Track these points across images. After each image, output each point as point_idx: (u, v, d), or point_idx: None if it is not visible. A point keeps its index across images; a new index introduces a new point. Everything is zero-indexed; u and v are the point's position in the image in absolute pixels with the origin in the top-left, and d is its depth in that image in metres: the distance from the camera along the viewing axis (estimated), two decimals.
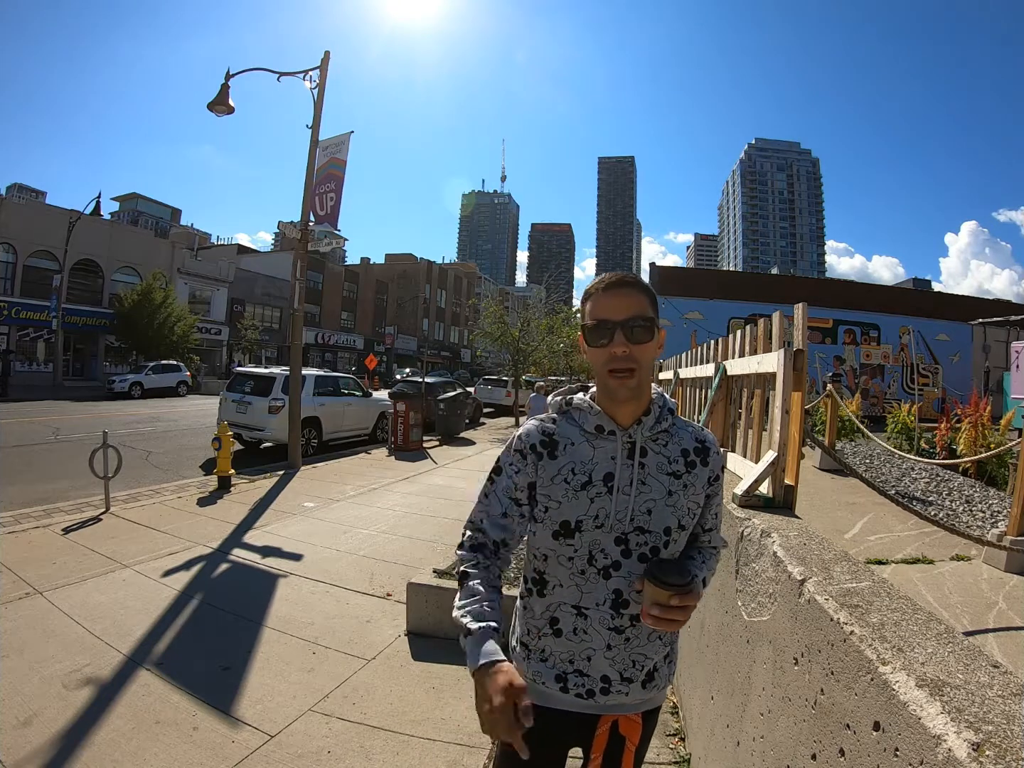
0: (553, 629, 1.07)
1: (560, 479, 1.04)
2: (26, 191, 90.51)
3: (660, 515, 1.03)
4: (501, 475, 1.10)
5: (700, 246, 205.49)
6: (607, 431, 1.05)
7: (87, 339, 26.10)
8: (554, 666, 1.07)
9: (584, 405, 1.08)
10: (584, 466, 1.04)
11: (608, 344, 1.00)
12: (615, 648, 1.04)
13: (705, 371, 3.52)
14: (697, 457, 1.08)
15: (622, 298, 1.02)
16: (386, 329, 46.76)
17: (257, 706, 2.43)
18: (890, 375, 17.04)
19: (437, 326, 56.35)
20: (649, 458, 1.05)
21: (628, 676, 1.05)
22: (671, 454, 1.07)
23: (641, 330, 1.01)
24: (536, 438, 1.08)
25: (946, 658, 0.82)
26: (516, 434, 1.12)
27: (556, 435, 1.08)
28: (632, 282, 1.04)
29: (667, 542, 1.04)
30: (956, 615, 2.95)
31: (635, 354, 1.00)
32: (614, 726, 1.10)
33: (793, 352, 1.90)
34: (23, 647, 2.80)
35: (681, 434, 1.10)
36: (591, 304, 1.05)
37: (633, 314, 1.00)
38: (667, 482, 1.05)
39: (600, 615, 1.04)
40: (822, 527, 3.87)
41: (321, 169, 8.79)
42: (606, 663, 1.04)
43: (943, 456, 7.12)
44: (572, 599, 1.05)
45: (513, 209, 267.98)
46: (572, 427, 1.08)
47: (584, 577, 1.04)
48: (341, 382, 11.04)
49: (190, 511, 5.53)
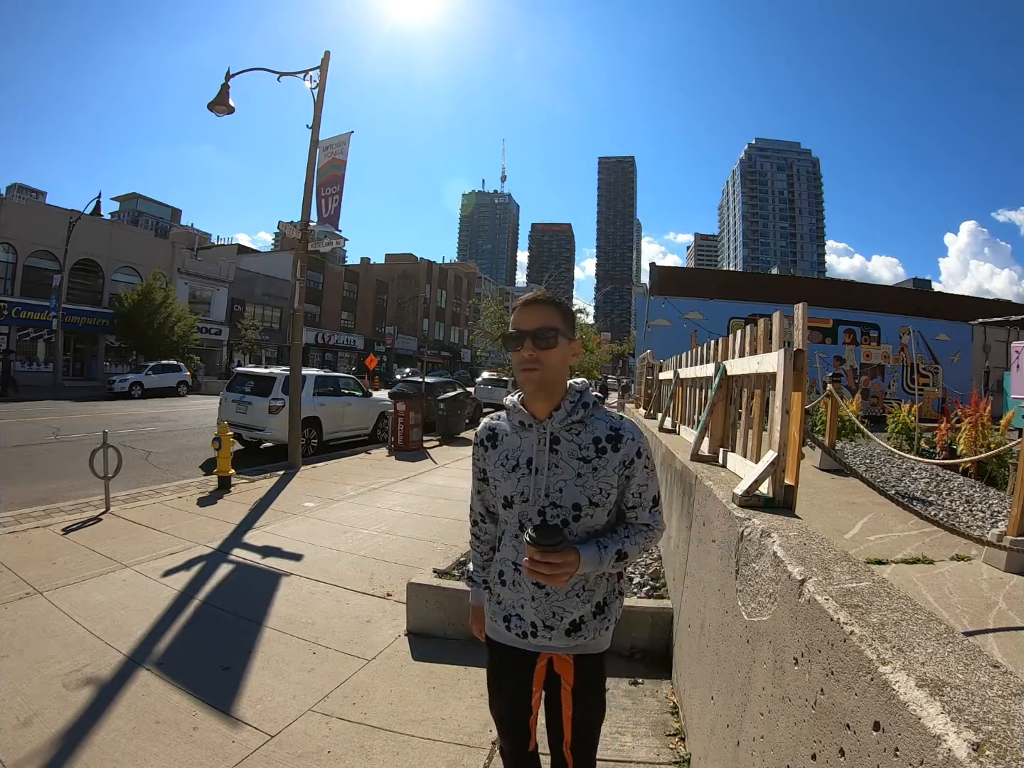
0: (501, 579, 1.36)
1: (498, 463, 1.32)
2: (26, 191, 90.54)
3: (570, 493, 1.25)
4: (473, 464, 1.44)
5: (700, 246, 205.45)
6: (527, 424, 1.29)
7: (87, 339, 26.11)
8: (503, 609, 1.36)
9: (511, 405, 1.33)
10: (514, 452, 1.30)
11: (520, 349, 1.23)
12: (537, 600, 1.29)
13: (705, 371, 3.52)
14: (608, 444, 1.26)
15: (534, 313, 1.25)
16: (386, 329, 46.77)
17: (257, 706, 2.43)
18: (890, 375, 17.03)
19: (437, 326, 56.35)
20: (562, 445, 1.27)
21: (549, 624, 1.29)
22: (582, 442, 1.27)
23: (545, 338, 1.23)
24: (484, 433, 1.39)
25: (946, 658, 0.82)
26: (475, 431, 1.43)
27: (497, 429, 1.37)
28: (544, 300, 1.27)
29: (576, 516, 1.25)
30: (956, 615, 2.95)
31: (540, 357, 1.22)
32: (550, 664, 1.35)
33: (793, 352, 1.90)
34: (23, 647, 2.80)
35: (596, 424, 1.29)
36: (513, 317, 1.28)
37: (541, 325, 1.23)
38: (576, 466, 1.25)
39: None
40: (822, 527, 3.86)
41: (323, 170, 8.79)
42: (532, 611, 1.30)
43: (943, 456, 7.12)
44: (511, 556, 1.33)
45: (513, 209, 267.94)
46: (508, 422, 1.35)
47: (517, 540, 1.30)
48: (341, 382, 11.04)
49: (190, 511, 5.53)
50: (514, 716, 1.42)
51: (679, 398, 4.84)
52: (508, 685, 1.41)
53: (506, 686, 1.41)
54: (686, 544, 2.51)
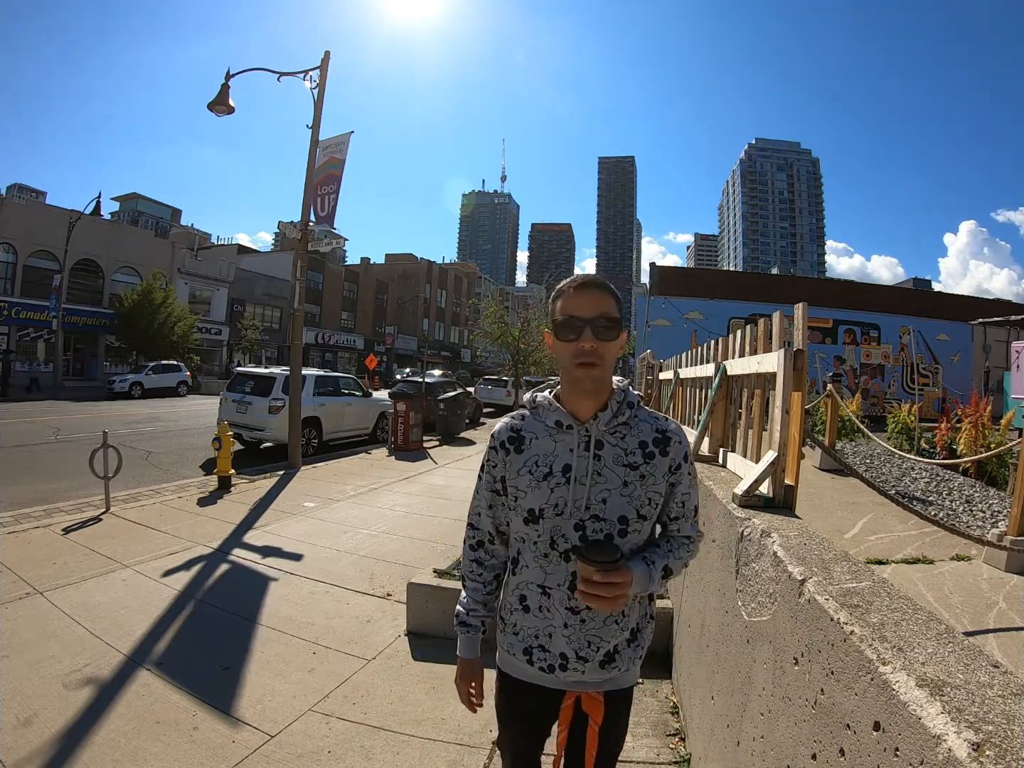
0: (522, 605, 1.17)
1: (525, 471, 1.14)
2: (26, 191, 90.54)
3: (615, 504, 1.10)
4: (483, 471, 1.22)
5: (700, 246, 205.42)
6: (566, 425, 1.13)
7: (87, 339, 26.10)
8: (523, 640, 1.17)
9: (545, 402, 1.16)
10: (546, 458, 1.13)
11: (576, 339, 1.07)
12: (571, 627, 1.12)
13: (705, 371, 3.51)
14: (656, 448, 1.13)
15: (591, 298, 1.09)
16: (386, 329, 46.75)
17: (257, 706, 2.43)
18: (890, 375, 17.03)
19: (437, 326, 56.34)
20: (606, 450, 1.12)
21: (583, 655, 1.13)
22: (628, 446, 1.13)
23: (607, 328, 1.08)
24: (505, 435, 1.19)
25: (946, 658, 0.82)
26: (492, 432, 1.22)
27: (523, 431, 1.18)
28: (602, 284, 1.11)
29: (622, 530, 1.10)
30: (956, 615, 2.95)
31: (600, 350, 1.07)
32: (578, 702, 1.18)
33: (793, 352, 1.90)
34: (23, 647, 2.80)
35: (641, 426, 1.15)
36: (562, 302, 1.11)
37: (600, 312, 1.07)
38: (623, 473, 1.11)
39: (560, 595, 1.12)
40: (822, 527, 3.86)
41: (321, 169, 8.78)
42: (563, 640, 1.13)
43: (943, 456, 7.12)
44: (537, 579, 1.15)
45: (513, 209, 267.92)
46: (537, 422, 1.17)
47: (547, 559, 1.13)
48: (341, 382, 11.04)
49: (190, 511, 5.53)
50: (528, 753, 1.30)
51: (679, 398, 4.83)
52: (526, 725, 1.26)
53: (524, 726, 1.27)
54: None
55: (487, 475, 1.21)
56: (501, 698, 1.28)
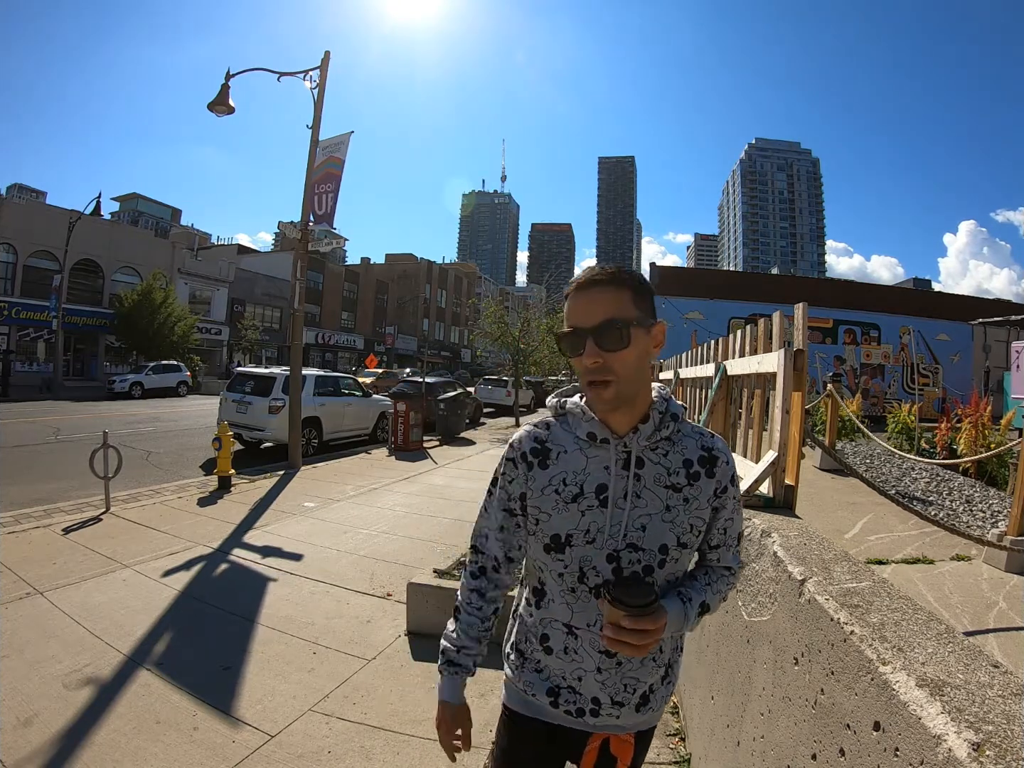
0: (544, 646, 1.02)
1: (551, 490, 0.97)
2: (26, 191, 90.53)
3: (656, 531, 0.96)
4: (497, 486, 1.05)
5: (700, 246, 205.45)
6: (600, 439, 0.96)
7: (87, 339, 26.10)
8: (548, 678, 1.02)
9: (577, 410, 0.99)
10: (576, 476, 0.97)
11: (580, 353, 0.91)
12: (605, 672, 0.98)
13: (705, 371, 3.52)
14: (702, 468, 0.99)
15: (593, 301, 0.91)
16: (386, 329, 46.76)
17: (257, 706, 2.43)
18: (890, 375, 17.04)
19: (437, 326, 56.35)
20: (646, 469, 0.97)
21: (619, 700, 0.99)
22: (671, 464, 0.98)
23: (613, 336, 0.89)
24: (528, 445, 1.01)
25: (946, 658, 0.82)
26: (510, 441, 1.05)
27: (549, 442, 1.01)
28: (606, 279, 0.91)
29: (662, 561, 0.96)
30: (956, 615, 2.95)
31: (610, 363, 0.90)
32: (604, 744, 1.05)
33: (793, 352, 1.90)
34: (23, 647, 2.79)
35: (685, 442, 1.01)
36: (567, 308, 0.95)
37: (604, 319, 0.89)
38: (665, 495, 0.96)
39: (591, 636, 0.97)
40: (822, 527, 3.86)
41: (319, 167, 8.79)
42: (596, 686, 0.99)
43: (943, 456, 7.12)
44: (563, 617, 0.99)
45: (513, 209, 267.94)
46: (566, 433, 1.00)
47: (575, 595, 0.98)
48: (341, 382, 11.05)
49: (190, 511, 5.53)
50: None
51: (679, 398, 4.84)
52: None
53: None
54: None
55: (502, 491, 1.03)
56: (507, 739, 1.11)
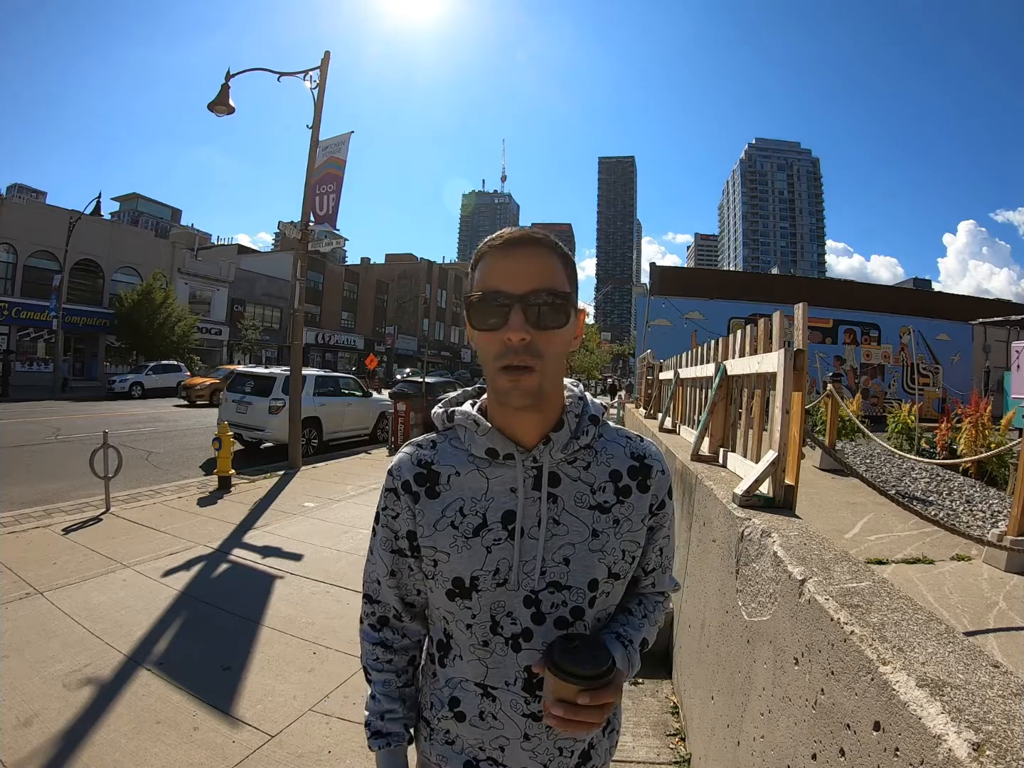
0: (454, 712, 0.82)
1: (446, 523, 0.78)
2: (26, 191, 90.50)
3: (582, 564, 0.78)
4: (379, 522, 0.86)
5: (700, 246, 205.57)
6: (503, 455, 0.78)
7: (87, 339, 26.11)
8: (462, 750, 0.83)
9: (469, 421, 0.80)
10: (476, 504, 0.78)
11: (501, 328, 0.71)
12: (534, 738, 0.80)
13: (705, 371, 3.51)
14: (633, 480, 0.82)
15: (526, 263, 0.72)
16: (386, 329, 46.77)
17: (257, 706, 2.44)
18: (890, 375, 17.03)
19: (437, 326, 56.37)
20: (564, 487, 0.79)
21: (556, 765, 0.81)
22: (595, 479, 0.80)
23: (550, 309, 0.71)
24: (409, 472, 0.81)
25: (946, 658, 0.82)
26: (388, 467, 0.85)
27: (436, 464, 0.81)
28: (540, 240, 0.74)
29: (592, 599, 0.79)
30: (956, 615, 2.95)
31: (539, 343, 0.71)
32: None
33: (793, 352, 1.90)
34: (23, 647, 2.80)
35: (611, 449, 0.83)
36: (483, 269, 0.74)
37: (539, 285, 0.71)
38: (590, 519, 0.79)
39: (511, 697, 0.79)
40: (822, 527, 3.86)
41: (320, 168, 8.79)
42: (525, 755, 0.80)
43: (943, 456, 7.12)
44: (475, 676, 0.80)
45: (513, 209, 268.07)
46: (457, 451, 0.82)
47: (488, 649, 0.79)
48: (341, 382, 11.05)
49: (190, 511, 5.53)
50: None
51: (679, 398, 4.83)
52: None
53: None
54: (686, 544, 2.51)
55: (384, 529, 0.85)
56: None
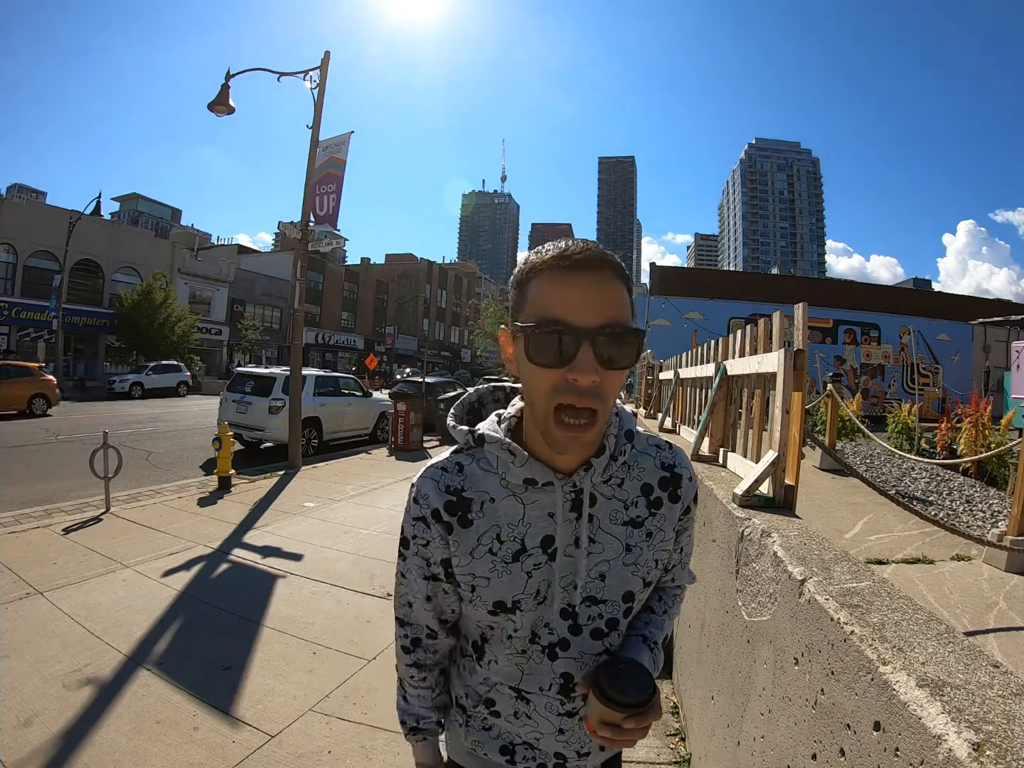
0: (490, 711, 0.85)
1: (483, 550, 0.77)
2: (26, 191, 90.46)
3: (617, 579, 0.79)
4: (409, 548, 0.84)
5: (700, 246, 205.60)
6: (542, 483, 0.75)
7: (87, 339, 26.11)
8: (499, 736, 0.86)
9: (504, 453, 0.75)
10: (513, 530, 0.76)
11: (565, 365, 0.63)
12: (568, 731, 0.83)
13: (705, 371, 3.51)
14: (664, 491, 0.82)
15: (595, 289, 0.64)
16: (386, 329, 46.77)
17: (257, 706, 2.44)
18: (890, 375, 17.03)
19: (437, 326, 56.38)
20: (599, 506, 0.78)
21: (586, 751, 0.86)
22: (628, 496, 0.80)
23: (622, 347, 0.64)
24: (439, 500, 0.78)
25: (946, 658, 0.82)
26: (411, 492, 0.82)
27: (468, 491, 0.78)
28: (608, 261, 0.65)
29: (628, 610, 0.82)
30: (956, 615, 2.95)
31: (604, 384, 0.65)
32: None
33: (794, 352, 1.90)
34: (23, 647, 2.80)
35: (642, 462, 0.82)
36: (538, 288, 0.66)
37: (610, 319, 0.63)
38: (624, 534, 0.79)
39: (547, 701, 0.81)
40: (822, 527, 3.86)
41: (320, 168, 8.79)
42: (559, 744, 0.84)
43: (943, 456, 7.12)
44: (510, 680, 0.82)
45: (513, 209, 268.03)
46: (487, 474, 0.78)
47: (525, 656, 0.81)
48: (341, 382, 11.05)
49: (191, 511, 5.53)
50: None
51: (679, 398, 4.83)
52: None
53: None
54: None
55: (416, 557, 0.82)
56: None
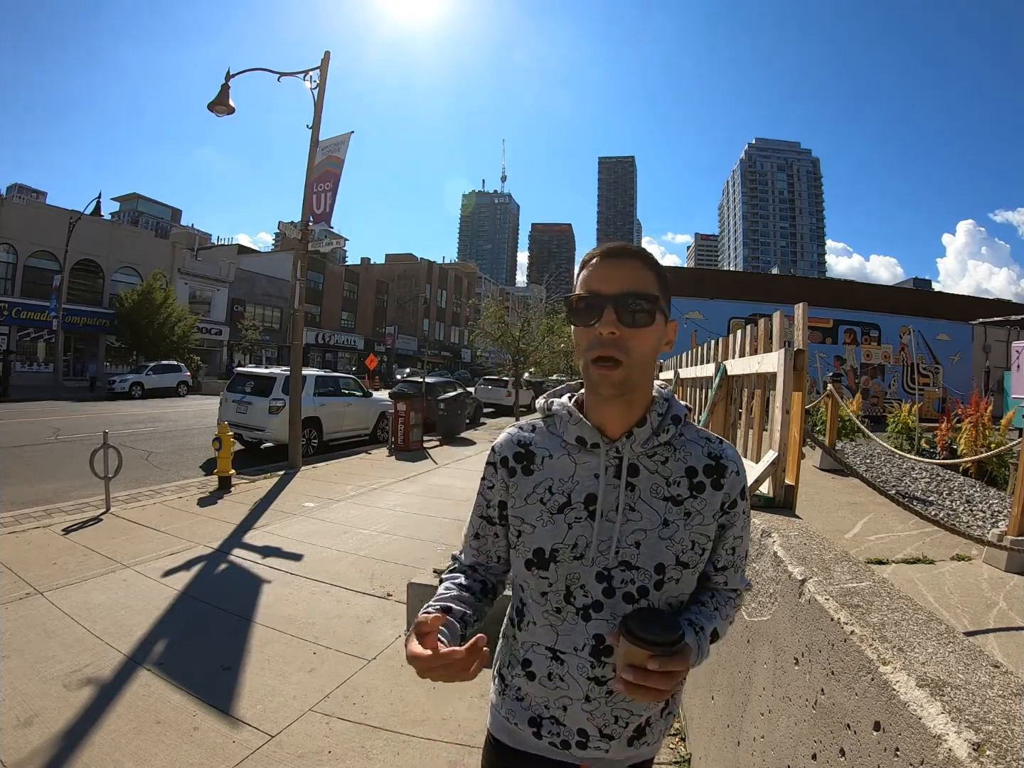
0: (526, 672, 0.93)
1: (535, 499, 0.89)
2: (26, 191, 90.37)
3: (651, 549, 0.86)
4: (479, 492, 0.99)
5: (700, 246, 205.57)
6: (590, 444, 0.88)
7: (87, 339, 26.11)
8: (529, 707, 0.93)
9: (563, 412, 0.91)
10: (563, 484, 0.88)
11: (596, 323, 0.82)
12: (595, 700, 0.88)
13: (705, 371, 3.51)
14: (707, 478, 0.89)
15: (621, 269, 0.84)
16: (386, 329, 46.76)
17: (257, 706, 2.43)
18: (890, 375, 17.02)
19: (437, 326, 56.38)
20: (642, 478, 0.88)
21: (609, 732, 0.90)
22: (671, 473, 0.88)
23: (638, 310, 0.82)
24: (510, 450, 0.93)
25: (946, 658, 0.82)
26: (492, 444, 0.98)
27: (533, 446, 0.93)
28: (638, 252, 0.86)
29: (659, 582, 0.87)
30: (956, 615, 2.95)
31: (625, 339, 0.81)
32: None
33: (794, 352, 1.90)
34: (24, 647, 2.80)
35: (689, 447, 0.90)
36: (585, 274, 0.87)
37: (630, 288, 0.82)
38: (663, 509, 0.87)
39: (578, 662, 0.88)
40: (822, 527, 3.87)
41: (319, 166, 8.79)
42: (583, 716, 0.89)
43: (943, 456, 7.12)
44: (546, 640, 0.90)
45: (513, 209, 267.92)
46: (552, 437, 0.93)
47: (560, 616, 0.88)
48: (341, 382, 11.05)
49: (191, 511, 5.53)
50: None
51: (680, 398, 4.84)
52: None
53: None
54: None
55: (480, 497, 0.98)
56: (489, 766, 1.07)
